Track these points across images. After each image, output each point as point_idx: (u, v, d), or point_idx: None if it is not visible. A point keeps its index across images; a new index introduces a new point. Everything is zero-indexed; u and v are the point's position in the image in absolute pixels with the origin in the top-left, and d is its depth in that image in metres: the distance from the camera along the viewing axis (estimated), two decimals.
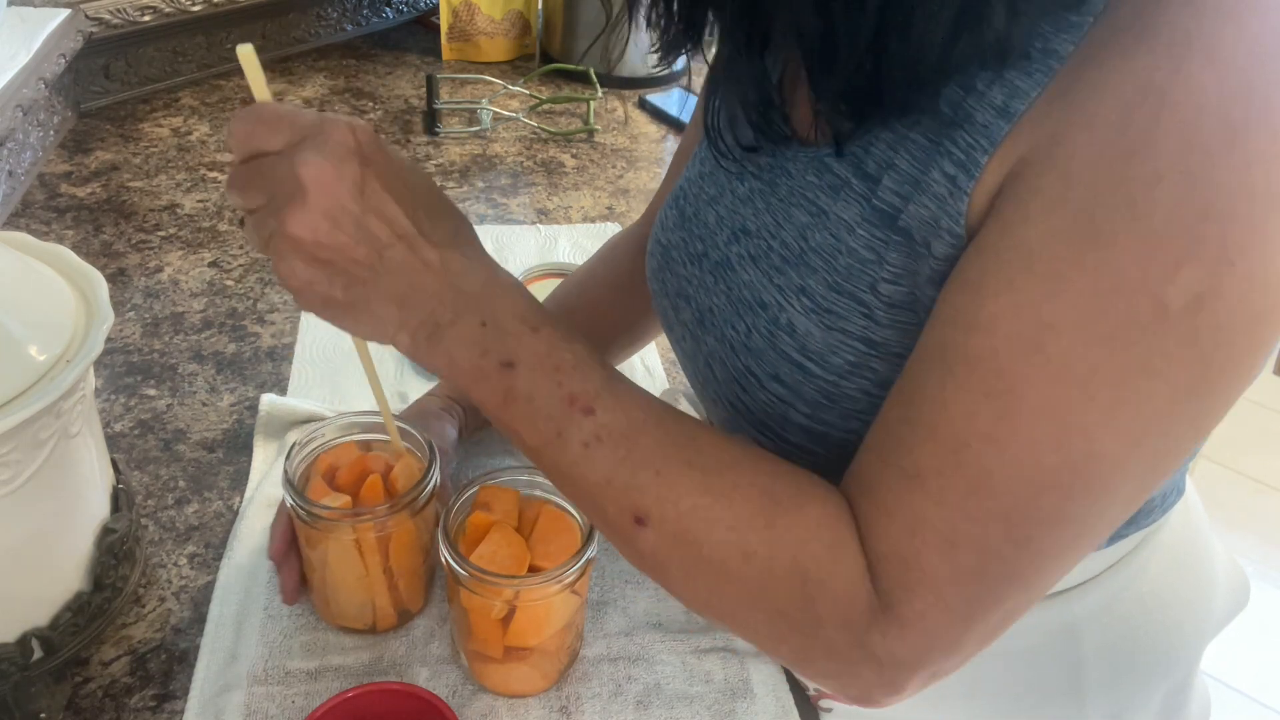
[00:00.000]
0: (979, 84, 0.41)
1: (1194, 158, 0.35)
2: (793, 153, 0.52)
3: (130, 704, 0.58)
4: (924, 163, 0.43)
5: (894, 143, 0.45)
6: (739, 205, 0.55)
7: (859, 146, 0.47)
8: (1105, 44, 0.38)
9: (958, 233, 0.42)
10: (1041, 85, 0.39)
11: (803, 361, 0.49)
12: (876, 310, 0.46)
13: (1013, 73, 0.40)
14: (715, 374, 0.55)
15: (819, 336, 0.48)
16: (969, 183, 0.41)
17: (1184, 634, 0.63)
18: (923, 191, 0.43)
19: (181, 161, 1.15)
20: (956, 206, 0.42)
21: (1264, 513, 2.14)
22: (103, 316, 0.54)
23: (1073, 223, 0.37)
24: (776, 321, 0.50)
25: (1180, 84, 0.36)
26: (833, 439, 0.49)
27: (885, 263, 0.45)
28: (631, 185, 1.19)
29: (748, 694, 0.61)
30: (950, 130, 0.42)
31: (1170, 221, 0.36)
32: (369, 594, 0.60)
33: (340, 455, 0.61)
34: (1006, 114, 0.40)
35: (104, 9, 1.15)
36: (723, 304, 0.54)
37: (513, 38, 1.48)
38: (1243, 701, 1.76)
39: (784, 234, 0.51)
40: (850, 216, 0.47)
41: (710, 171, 0.59)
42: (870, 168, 0.46)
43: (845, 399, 0.48)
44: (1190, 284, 0.36)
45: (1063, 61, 0.39)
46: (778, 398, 0.50)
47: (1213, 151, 0.35)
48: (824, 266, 0.48)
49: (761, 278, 0.52)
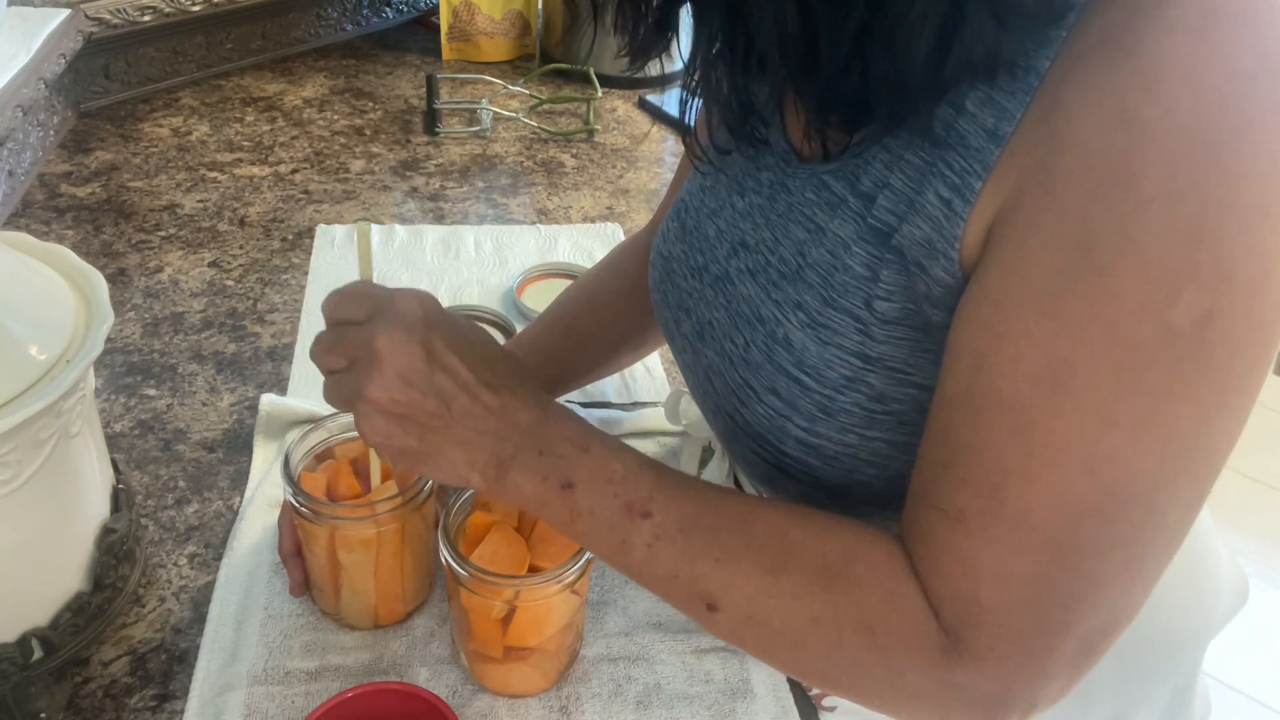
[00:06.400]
0: (969, 104, 0.42)
1: (1177, 180, 0.36)
2: (792, 169, 0.52)
3: (130, 704, 0.58)
4: (918, 183, 0.44)
5: (890, 162, 0.46)
6: (739, 220, 0.55)
7: (856, 164, 0.48)
8: (1079, 61, 0.38)
9: (953, 256, 0.42)
10: (1024, 105, 0.40)
11: (799, 376, 0.49)
12: (872, 326, 0.47)
13: (999, 93, 0.41)
14: (714, 386, 0.56)
15: (815, 351, 0.49)
16: (965, 208, 0.42)
17: (1187, 635, 0.64)
18: (917, 212, 0.44)
19: (181, 161, 1.15)
20: (952, 230, 0.42)
21: (1264, 513, 2.14)
22: (103, 316, 0.54)
23: (1072, 257, 0.38)
24: (774, 336, 0.51)
25: (1155, 105, 0.36)
26: (828, 452, 0.50)
27: (880, 280, 0.46)
28: (631, 185, 1.19)
29: (748, 694, 0.61)
30: (943, 151, 0.43)
31: (1163, 246, 0.36)
32: (369, 589, 0.60)
33: (341, 451, 0.61)
34: (996, 137, 0.41)
35: (104, 9, 1.15)
36: (722, 317, 0.55)
37: (513, 38, 1.48)
38: (1242, 701, 1.76)
39: (782, 249, 0.51)
40: (847, 234, 0.48)
41: (711, 185, 0.59)
42: (866, 186, 0.47)
43: (841, 413, 0.49)
44: (1194, 304, 0.36)
45: (1041, 78, 0.39)
46: (775, 411, 0.51)
47: (1194, 172, 0.36)
48: (820, 282, 0.49)
49: (760, 292, 0.52)
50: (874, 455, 0.49)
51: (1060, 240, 0.38)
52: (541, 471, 0.47)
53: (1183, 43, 0.36)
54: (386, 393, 0.45)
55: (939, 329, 0.45)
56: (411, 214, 1.10)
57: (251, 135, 1.23)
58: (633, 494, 0.47)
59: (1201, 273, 0.36)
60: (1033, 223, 0.39)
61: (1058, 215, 0.38)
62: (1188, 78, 0.36)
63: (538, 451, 0.48)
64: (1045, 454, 0.39)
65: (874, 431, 0.49)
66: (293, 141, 1.22)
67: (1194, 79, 0.36)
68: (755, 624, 0.46)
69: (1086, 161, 0.37)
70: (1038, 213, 0.39)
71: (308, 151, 1.20)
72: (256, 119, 1.27)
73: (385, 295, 0.47)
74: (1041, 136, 0.39)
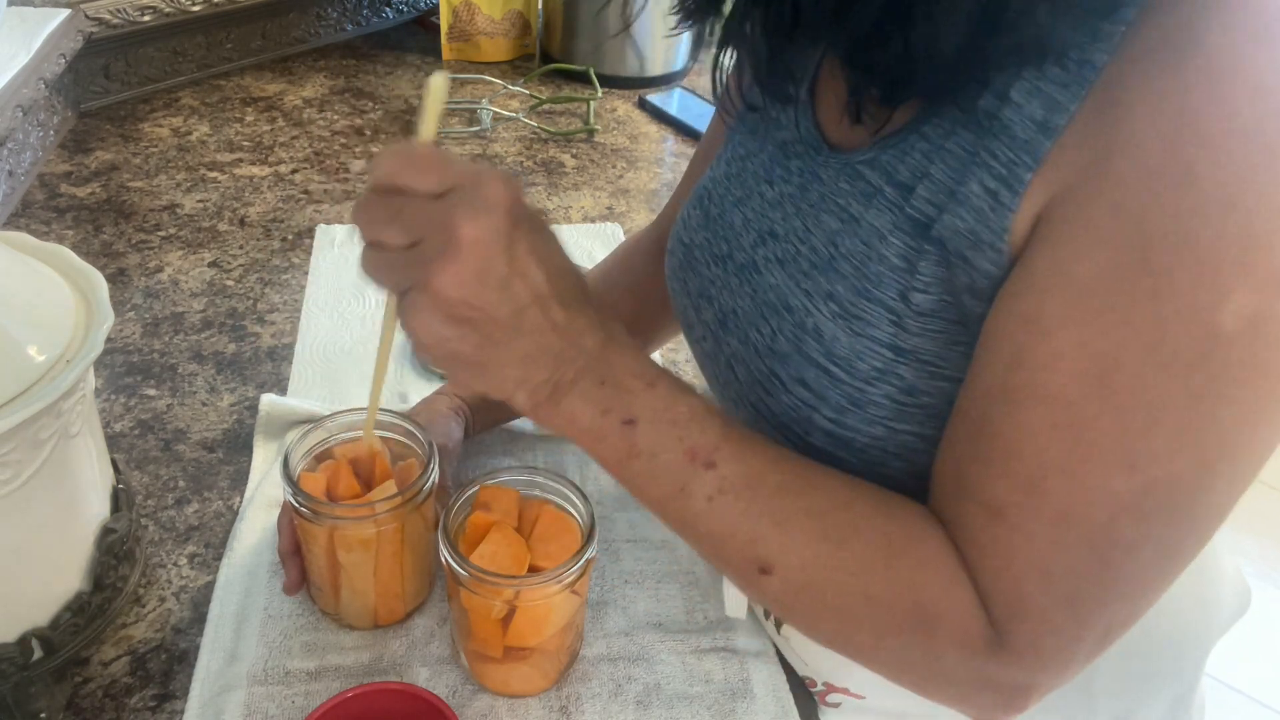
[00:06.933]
0: (1014, 94, 0.42)
1: (1234, 184, 0.36)
2: (824, 158, 0.52)
3: (130, 704, 0.58)
4: (960, 173, 0.44)
5: (929, 152, 0.45)
6: (767, 209, 0.55)
7: (893, 155, 0.47)
8: (1139, 61, 0.38)
9: (1000, 248, 0.42)
10: (1079, 98, 0.40)
11: (829, 366, 0.49)
12: (906, 318, 0.46)
13: (1048, 84, 0.41)
14: (737, 376, 0.55)
15: (845, 342, 0.48)
16: (1013, 199, 0.41)
17: (1190, 641, 0.64)
18: (960, 203, 0.44)
19: (181, 161, 1.15)
20: (1000, 222, 0.42)
21: (1264, 513, 2.14)
22: (103, 316, 0.54)
23: (1125, 256, 0.38)
24: (803, 325, 0.50)
25: (1217, 109, 0.36)
26: (856, 444, 0.50)
27: (917, 272, 0.46)
28: (631, 185, 1.19)
29: (748, 694, 0.61)
30: (987, 141, 0.43)
31: (1217, 249, 0.36)
32: (368, 589, 0.60)
33: (341, 451, 0.61)
34: (1047, 129, 0.40)
35: (104, 9, 1.15)
36: (747, 306, 0.54)
37: (513, 38, 1.48)
38: (1242, 701, 1.76)
39: (813, 239, 0.51)
40: (882, 224, 0.47)
41: (737, 173, 0.59)
42: (903, 176, 0.47)
43: (871, 404, 0.48)
44: (1242, 308, 0.37)
45: (1098, 72, 0.39)
46: (802, 401, 0.50)
47: (1252, 177, 0.36)
48: (853, 273, 0.48)
49: (789, 281, 0.52)
50: (901, 448, 0.49)
51: (1114, 239, 0.38)
52: (602, 403, 0.43)
53: (1246, 47, 0.36)
54: (459, 290, 0.38)
55: (977, 321, 0.44)
56: None
57: (251, 135, 1.23)
58: (698, 440, 0.44)
59: (1252, 277, 0.37)
60: (1085, 219, 0.39)
61: (1113, 214, 0.38)
62: (1250, 82, 0.36)
63: (599, 380, 0.43)
64: (1087, 450, 0.40)
65: (902, 424, 0.48)
66: (293, 141, 1.22)
67: (1257, 83, 0.36)
68: (808, 594, 0.45)
69: (1145, 162, 0.37)
70: (1091, 210, 0.39)
71: (308, 151, 1.20)
72: (256, 119, 1.27)
73: (469, 171, 0.39)
74: (1097, 133, 0.39)
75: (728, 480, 0.45)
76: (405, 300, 0.40)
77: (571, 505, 0.58)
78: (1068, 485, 0.40)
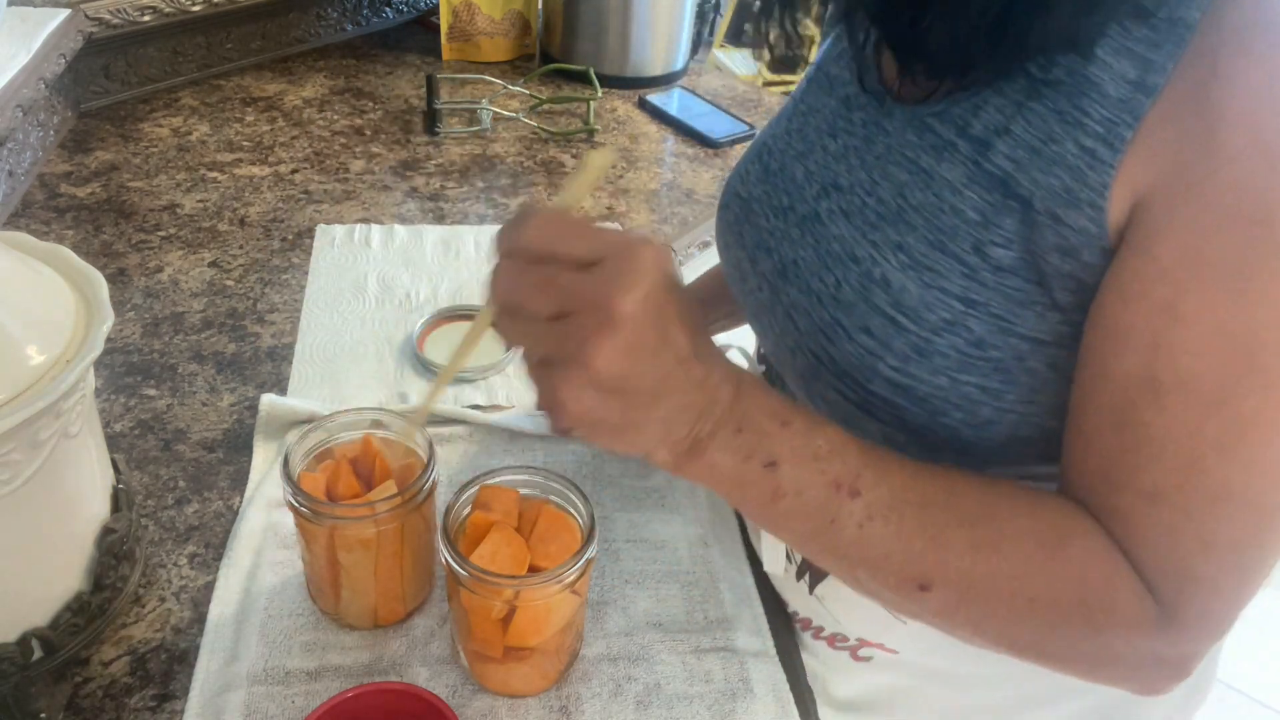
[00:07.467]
0: (1101, 52, 0.42)
1: None
2: (888, 109, 0.53)
3: (130, 704, 0.58)
4: (1046, 132, 0.44)
5: (1004, 108, 0.46)
6: (831, 161, 0.56)
7: (965, 108, 0.48)
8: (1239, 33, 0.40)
9: (1100, 205, 0.43)
10: (1174, 57, 0.40)
11: (895, 315, 0.49)
12: (982, 271, 0.47)
13: (1136, 43, 0.41)
14: (797, 325, 0.56)
15: (915, 293, 0.49)
16: (1113, 156, 0.42)
17: None
18: (1051, 161, 0.44)
19: (181, 161, 1.15)
20: (1099, 179, 0.43)
21: None
22: (103, 316, 0.54)
23: (1254, 235, 0.39)
24: (870, 275, 0.51)
25: None
26: (918, 393, 0.50)
27: (995, 226, 0.46)
28: (631, 185, 1.19)
29: (748, 694, 0.61)
30: (1077, 99, 0.43)
31: None
32: (368, 589, 0.60)
33: (341, 451, 0.61)
34: (1144, 88, 0.41)
35: (104, 9, 1.15)
36: (810, 256, 0.55)
37: (513, 38, 1.48)
38: (1242, 701, 1.76)
39: (880, 191, 0.52)
40: (955, 177, 0.48)
41: (799, 129, 0.60)
42: (977, 130, 0.47)
43: (936, 355, 0.49)
44: None
45: (1192, 30, 0.40)
46: (866, 350, 0.51)
47: None
48: (924, 225, 0.49)
49: (854, 232, 0.52)
50: (963, 399, 0.49)
51: (1240, 218, 0.39)
52: (743, 450, 0.43)
53: None
54: (613, 366, 0.37)
55: (1056, 279, 0.45)
56: (411, 214, 1.10)
57: (251, 135, 1.23)
58: (840, 471, 0.44)
59: None
60: (1204, 199, 0.40)
61: (1235, 193, 0.39)
62: None
63: (736, 429, 0.43)
64: (1240, 429, 0.41)
65: (967, 375, 0.49)
66: (293, 141, 1.22)
67: None
68: (968, 603, 0.45)
69: (1260, 139, 0.38)
70: (1209, 189, 0.40)
71: (308, 151, 1.20)
72: (256, 119, 1.27)
73: (619, 241, 0.39)
74: (1200, 102, 0.40)
75: (874, 505, 0.45)
76: (550, 370, 0.39)
77: (571, 505, 0.58)
78: (1225, 462, 0.42)
